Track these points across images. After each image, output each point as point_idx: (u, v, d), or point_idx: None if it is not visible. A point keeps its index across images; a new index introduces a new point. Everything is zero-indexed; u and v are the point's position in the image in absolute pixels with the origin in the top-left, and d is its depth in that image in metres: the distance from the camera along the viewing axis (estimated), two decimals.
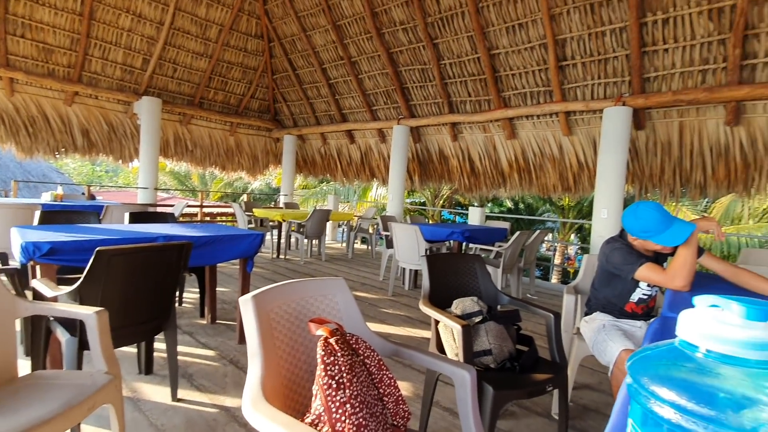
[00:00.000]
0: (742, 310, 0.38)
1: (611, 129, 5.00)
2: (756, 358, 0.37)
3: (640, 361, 0.42)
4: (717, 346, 0.38)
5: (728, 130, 4.72)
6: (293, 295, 1.31)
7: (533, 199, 13.68)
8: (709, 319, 0.39)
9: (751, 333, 0.37)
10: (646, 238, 1.79)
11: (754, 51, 4.33)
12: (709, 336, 0.38)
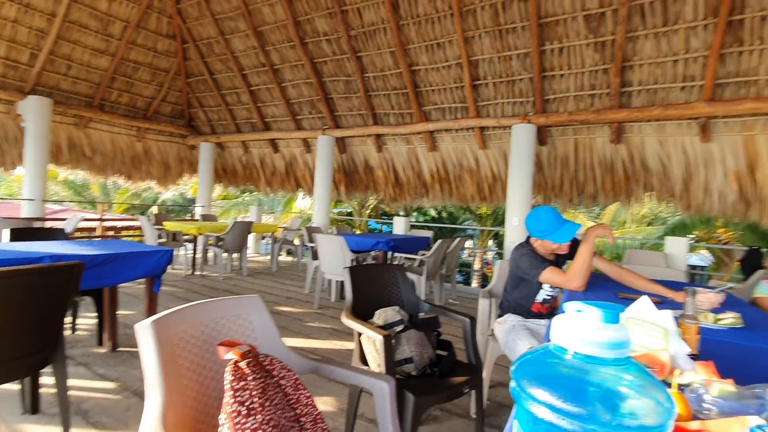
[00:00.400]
0: (600, 314, 0.43)
1: (519, 144, 5.47)
2: (613, 356, 0.42)
3: (521, 365, 0.46)
4: (582, 347, 0.43)
5: (612, 148, 5.43)
6: (201, 317, 1.22)
7: (454, 208, 14.43)
8: (574, 324, 0.44)
9: (607, 335, 0.42)
10: (544, 238, 2.02)
11: (630, 80, 5.05)
12: (575, 339, 0.43)
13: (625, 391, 0.43)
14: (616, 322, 0.43)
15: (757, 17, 4.23)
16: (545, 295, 2.13)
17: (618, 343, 0.42)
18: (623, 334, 0.42)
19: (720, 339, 1.38)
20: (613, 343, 0.42)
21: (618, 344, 0.42)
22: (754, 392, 0.82)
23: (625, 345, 0.42)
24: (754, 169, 4.72)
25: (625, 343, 0.42)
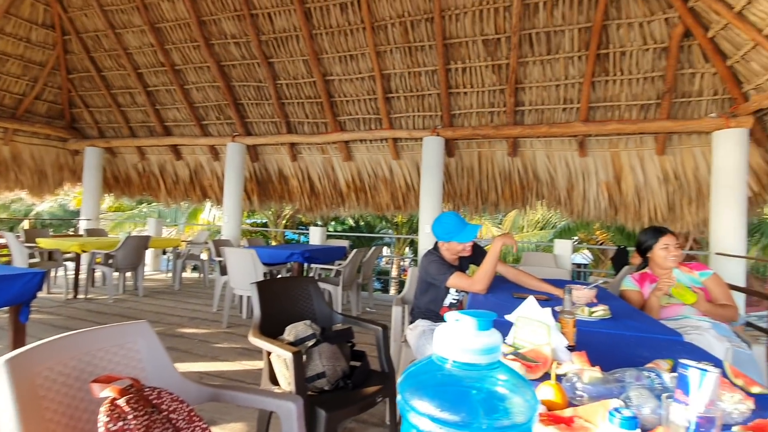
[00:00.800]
0: (474, 322, 0.46)
1: (429, 155, 5.77)
2: (487, 361, 0.45)
3: (406, 377, 0.47)
4: (460, 355, 0.45)
5: (510, 160, 5.99)
6: (74, 351, 1.06)
7: (372, 217, 14.66)
8: (453, 333, 0.46)
9: (481, 341, 0.45)
10: (450, 239, 2.18)
11: (522, 100, 5.64)
12: (453, 348, 0.45)
13: (500, 392, 0.46)
14: (489, 329, 0.46)
15: (618, 52, 5.02)
16: (452, 299, 2.25)
17: (490, 348, 0.45)
18: (494, 339, 0.45)
19: (593, 330, 1.58)
20: (486, 349, 0.44)
21: (490, 349, 0.45)
22: (616, 377, 0.94)
23: (496, 349, 0.45)
24: (620, 180, 5.56)
25: (496, 348, 0.45)
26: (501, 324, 1.52)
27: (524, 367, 1.01)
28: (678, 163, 5.26)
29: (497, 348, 0.45)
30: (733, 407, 0.84)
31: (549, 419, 0.76)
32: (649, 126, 5.04)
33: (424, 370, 0.47)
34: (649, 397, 0.80)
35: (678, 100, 5.03)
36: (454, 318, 0.48)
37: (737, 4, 3.96)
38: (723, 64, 4.61)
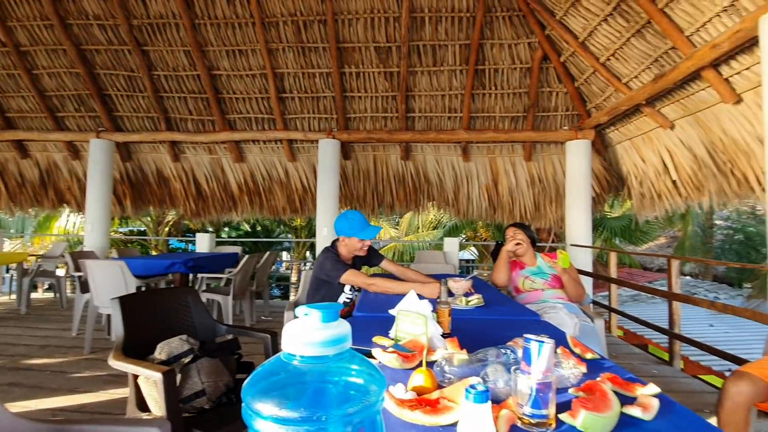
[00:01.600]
0: (319, 314, 0.45)
1: (326, 158, 5.74)
2: (334, 352, 0.45)
3: (251, 381, 0.44)
4: (307, 350, 0.43)
5: (403, 164, 6.28)
6: None
7: (269, 221, 14.06)
8: (301, 328, 0.45)
9: (327, 333, 0.44)
10: (353, 235, 2.21)
11: (413, 107, 5.96)
12: (300, 343, 0.44)
13: (351, 381, 0.46)
14: (334, 320, 0.45)
15: (492, 69, 5.61)
16: (345, 297, 2.26)
17: (337, 339, 0.44)
18: (341, 330, 0.45)
19: (469, 317, 1.73)
20: (332, 340, 0.44)
21: (337, 340, 0.44)
22: (479, 357, 1.03)
23: (343, 339, 0.45)
24: (497, 183, 6.22)
25: (343, 338, 0.45)
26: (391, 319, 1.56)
27: (401, 357, 1.05)
28: (541, 169, 6.08)
29: (345, 338, 0.45)
30: (570, 372, 0.98)
31: (417, 403, 0.80)
32: (518, 135, 5.73)
33: (271, 370, 0.44)
34: (503, 371, 0.89)
35: (540, 114, 5.81)
36: (303, 312, 0.47)
37: (581, 36, 4.73)
38: (572, 85, 5.47)
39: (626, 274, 11.23)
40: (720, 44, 3.12)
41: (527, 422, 0.76)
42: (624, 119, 5.09)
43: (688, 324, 6.89)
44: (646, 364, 3.47)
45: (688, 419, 0.81)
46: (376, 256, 2.49)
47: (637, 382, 0.95)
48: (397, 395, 0.84)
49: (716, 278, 11.56)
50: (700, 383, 3.10)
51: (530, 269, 2.54)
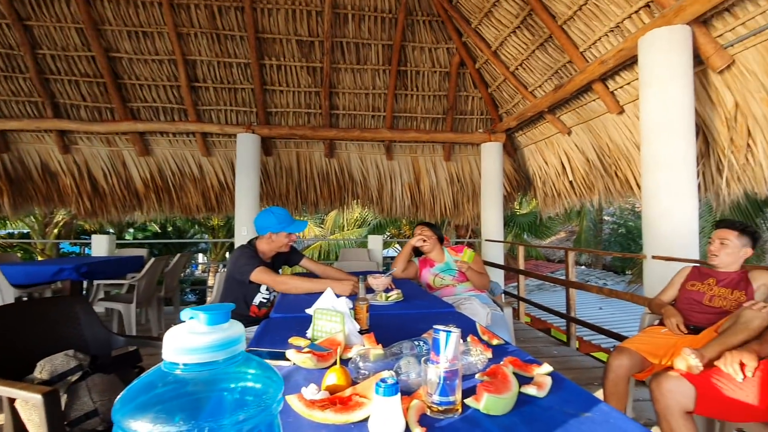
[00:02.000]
0: (205, 317, 0.41)
1: (245, 153, 5.44)
2: (224, 357, 0.41)
3: (124, 398, 0.38)
4: (191, 357, 0.39)
5: (327, 161, 6.20)
6: None
7: (181, 221, 13.00)
8: (183, 333, 0.40)
9: (215, 336, 0.40)
10: (282, 229, 2.13)
11: (337, 104, 5.91)
12: (183, 350, 0.39)
13: (245, 386, 0.42)
14: (223, 322, 0.42)
15: (414, 71, 5.78)
16: (262, 298, 2.16)
17: (226, 342, 0.41)
18: (232, 332, 0.42)
19: (388, 312, 1.75)
20: (220, 344, 0.40)
21: (226, 343, 0.41)
22: (393, 350, 1.05)
23: (236, 341, 0.42)
24: (419, 182, 6.43)
25: (234, 340, 0.42)
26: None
27: (315, 357, 1.02)
28: (459, 168, 6.42)
29: (236, 341, 0.42)
30: (477, 359, 1.04)
31: (328, 403, 0.78)
32: (438, 136, 5.98)
33: (148, 384, 0.39)
34: (415, 363, 0.92)
35: (458, 117, 6.13)
36: (188, 316, 0.42)
37: (493, 45, 5.07)
38: (486, 91, 5.85)
39: (533, 266, 12.35)
40: (607, 60, 3.55)
41: (435, 410, 0.79)
42: (530, 124, 5.57)
43: (582, 308, 7.78)
44: (548, 346, 3.85)
45: (575, 393, 0.90)
46: (296, 255, 2.43)
47: (534, 363, 1.04)
48: (307, 396, 0.82)
49: (605, 267, 13.24)
50: (592, 360, 3.51)
51: (439, 266, 2.67)
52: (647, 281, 3.05)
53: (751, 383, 1.43)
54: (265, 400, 0.42)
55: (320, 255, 10.30)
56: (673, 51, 2.89)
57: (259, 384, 0.43)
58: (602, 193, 4.80)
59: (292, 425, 0.75)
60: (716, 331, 1.76)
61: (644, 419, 2.32)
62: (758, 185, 3.10)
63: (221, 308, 0.42)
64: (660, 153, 2.94)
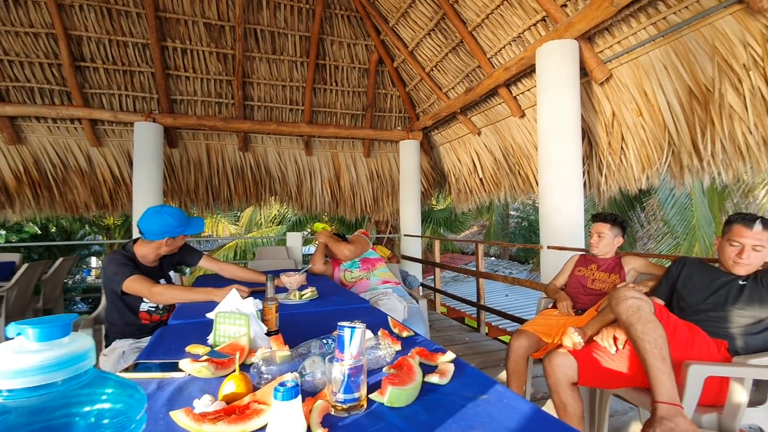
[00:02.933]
0: (35, 332, 0.34)
1: (145, 144, 4.91)
2: (64, 377, 0.35)
3: None
4: (15, 382, 0.32)
5: (242, 155, 5.86)
6: None
7: (67, 220, 11.37)
8: (6, 353, 0.33)
9: (50, 354, 0.34)
10: (179, 233, 1.91)
11: (251, 95, 5.60)
12: (6, 374, 0.32)
13: (105, 408, 0.36)
14: (61, 336, 0.35)
15: (333, 65, 5.71)
16: (149, 306, 1.93)
17: (66, 360, 0.34)
18: (74, 347, 0.35)
19: (302, 311, 1.70)
20: (58, 363, 0.34)
21: (67, 361, 0.34)
22: (300, 351, 1.01)
23: (79, 358, 0.35)
24: (339, 178, 6.39)
25: (78, 357, 0.35)
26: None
27: (213, 364, 0.95)
28: (379, 165, 6.51)
29: (80, 356, 0.35)
30: (386, 352, 1.05)
31: (222, 414, 0.72)
32: (357, 132, 5.98)
33: None
34: (321, 362, 0.89)
35: (377, 114, 6.20)
36: (14, 332, 0.35)
37: (410, 45, 5.20)
38: (404, 90, 5.99)
39: (449, 259, 13.05)
40: (510, 67, 3.85)
41: (340, 408, 0.77)
42: (445, 124, 5.84)
43: (491, 296, 8.42)
44: (461, 334, 4.08)
45: (474, 377, 0.94)
46: (193, 254, 2.20)
47: (440, 351, 1.07)
48: (198, 409, 0.74)
49: (511, 257, 14.49)
50: (499, 343, 3.81)
51: (345, 264, 2.70)
52: (543, 269, 3.37)
53: (622, 354, 1.65)
54: (122, 421, 0.36)
55: (236, 255, 9.74)
56: (564, 62, 3.22)
57: (119, 404, 0.37)
58: (507, 189, 5.21)
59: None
60: (596, 310, 2.00)
61: (542, 393, 2.57)
62: (629, 183, 3.61)
63: (59, 320, 0.35)
64: (553, 154, 3.27)
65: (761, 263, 1.59)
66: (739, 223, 1.58)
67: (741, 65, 2.56)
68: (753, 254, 1.55)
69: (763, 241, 1.54)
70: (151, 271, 1.92)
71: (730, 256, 1.61)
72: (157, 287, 1.78)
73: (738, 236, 1.58)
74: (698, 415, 1.42)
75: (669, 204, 6.93)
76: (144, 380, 0.95)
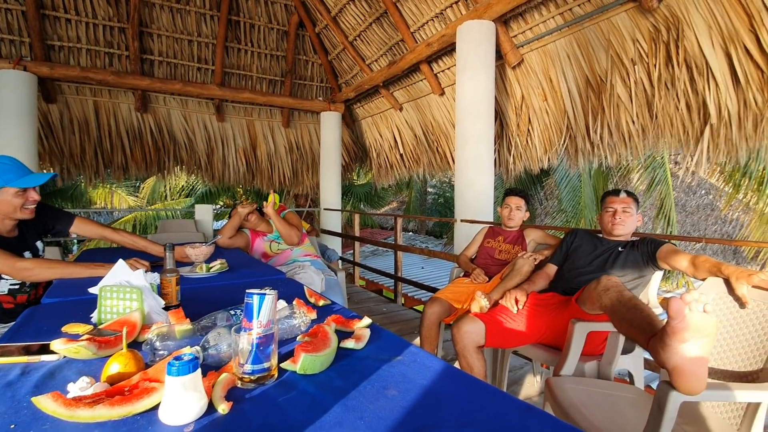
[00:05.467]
0: None
1: (12, 96, 4.10)
2: None
3: None
4: None
5: (140, 116, 5.19)
6: None
7: None
8: None
9: None
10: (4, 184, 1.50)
11: (151, 48, 4.94)
12: None
13: None
14: None
15: (248, 23, 5.25)
16: (10, 284, 1.59)
17: None
18: None
19: (211, 284, 1.57)
20: None
21: None
22: (202, 324, 0.92)
23: None
24: (256, 148, 6.01)
25: None
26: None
27: (96, 343, 0.82)
28: (299, 136, 6.25)
29: None
30: (300, 321, 1.00)
31: (103, 396, 0.62)
32: (276, 100, 5.64)
33: None
34: (227, 334, 0.82)
35: (297, 81, 5.89)
36: None
37: (333, 10, 4.97)
38: (326, 58, 5.76)
39: (369, 234, 13.24)
40: (432, 43, 3.88)
41: (247, 380, 0.72)
42: (367, 98, 5.77)
43: (408, 268, 8.77)
44: (378, 305, 4.19)
45: (389, 341, 0.95)
46: (60, 218, 1.81)
47: (356, 318, 1.06)
48: (72, 393, 0.64)
49: (428, 232, 15.18)
50: (414, 312, 3.98)
51: (271, 235, 2.59)
52: (457, 241, 3.56)
53: (522, 315, 1.81)
54: None
55: (135, 229, 8.78)
56: (482, 43, 3.33)
57: None
58: (426, 166, 5.36)
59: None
60: (500, 277, 2.16)
61: (451, 355, 2.75)
62: (533, 163, 3.93)
63: None
64: (468, 132, 3.41)
65: (633, 227, 1.87)
66: (610, 194, 1.92)
67: (629, 59, 2.87)
68: (624, 216, 1.84)
69: (630, 204, 1.85)
70: (9, 242, 1.58)
71: (608, 221, 1.88)
72: (23, 262, 1.49)
73: (610, 203, 1.89)
74: (581, 363, 1.62)
75: (564, 184, 7.76)
76: (4, 366, 0.79)
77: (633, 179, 7.77)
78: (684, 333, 0.85)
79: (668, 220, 6.40)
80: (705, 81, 2.50)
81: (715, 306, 1.37)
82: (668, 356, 0.88)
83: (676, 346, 0.86)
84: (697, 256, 1.55)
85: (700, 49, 2.47)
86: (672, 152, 7.25)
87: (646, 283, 1.81)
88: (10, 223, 1.60)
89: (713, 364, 1.32)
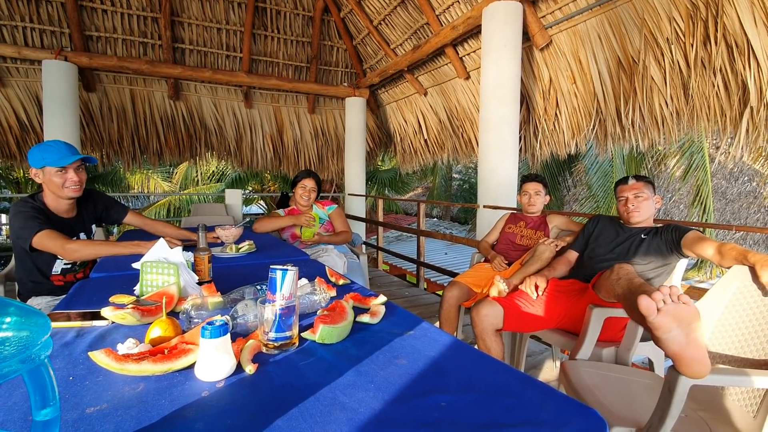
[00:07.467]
0: None
1: (55, 86, 4.34)
2: None
3: None
4: None
5: (173, 104, 5.39)
6: None
7: None
8: None
9: None
10: (46, 164, 1.62)
11: (182, 37, 5.09)
12: None
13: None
14: None
15: (274, 9, 5.31)
16: (64, 264, 1.74)
17: None
18: None
19: (239, 263, 1.67)
20: None
21: None
22: (232, 297, 1.00)
23: None
24: (282, 134, 6.13)
25: None
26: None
27: (139, 311, 0.92)
28: (324, 122, 6.32)
29: None
30: (321, 297, 1.07)
31: (148, 354, 0.71)
32: (302, 86, 5.71)
33: None
34: (253, 306, 0.89)
35: (323, 68, 5.94)
36: None
37: None
38: (350, 43, 5.76)
39: (393, 219, 13.32)
40: (457, 26, 3.82)
41: (271, 346, 0.79)
42: (392, 82, 5.75)
43: (431, 254, 8.80)
44: (401, 289, 4.26)
45: (403, 317, 1.01)
46: (116, 208, 1.99)
47: (372, 296, 1.12)
48: (121, 351, 0.73)
49: (452, 219, 15.12)
50: (436, 297, 4.03)
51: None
52: (479, 227, 3.57)
53: (541, 300, 1.83)
54: (20, 345, 0.34)
55: (170, 212, 9.18)
56: (508, 25, 3.26)
57: (23, 330, 0.36)
58: (450, 152, 5.33)
59: (101, 384, 0.66)
60: (521, 263, 2.17)
61: (470, 339, 2.79)
62: (560, 148, 3.85)
63: None
64: (493, 116, 3.37)
65: (651, 210, 1.83)
66: (620, 183, 1.89)
67: (665, 39, 2.75)
68: (637, 202, 1.81)
69: (641, 189, 1.81)
70: (68, 224, 1.74)
71: (623, 210, 1.87)
72: (72, 244, 1.61)
73: (621, 193, 1.87)
74: (599, 349, 1.63)
75: (594, 170, 7.52)
76: (61, 330, 0.90)
77: (669, 165, 7.45)
78: (664, 326, 0.89)
79: (704, 208, 6.13)
80: (745, 60, 2.37)
81: (740, 295, 1.35)
82: (663, 346, 0.92)
83: (664, 337, 0.91)
84: (724, 244, 1.51)
85: (741, 27, 2.34)
86: (712, 137, 6.89)
87: (671, 271, 1.79)
88: (65, 203, 1.72)
89: (735, 353, 1.31)
